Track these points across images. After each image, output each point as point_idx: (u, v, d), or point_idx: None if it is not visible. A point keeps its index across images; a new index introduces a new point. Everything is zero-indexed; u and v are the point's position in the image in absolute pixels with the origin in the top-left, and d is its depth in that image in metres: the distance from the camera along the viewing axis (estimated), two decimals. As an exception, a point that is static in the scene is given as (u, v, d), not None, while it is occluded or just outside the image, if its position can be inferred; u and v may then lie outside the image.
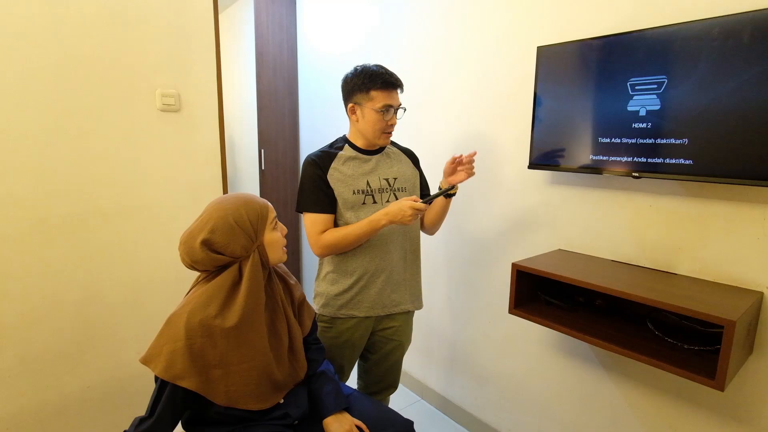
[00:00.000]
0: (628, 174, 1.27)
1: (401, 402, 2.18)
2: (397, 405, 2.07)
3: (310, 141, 3.03)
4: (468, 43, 1.81)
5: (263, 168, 3.02)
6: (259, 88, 2.91)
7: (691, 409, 1.29)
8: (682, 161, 1.16)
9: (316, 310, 1.44)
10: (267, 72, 2.92)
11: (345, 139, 1.44)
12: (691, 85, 1.13)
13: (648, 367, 1.36)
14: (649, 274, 1.28)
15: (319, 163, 1.37)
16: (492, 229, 1.80)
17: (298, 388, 1.17)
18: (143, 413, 1.00)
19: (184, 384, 0.97)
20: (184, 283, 1.19)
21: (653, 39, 1.19)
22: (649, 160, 1.22)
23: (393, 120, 1.37)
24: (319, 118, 2.89)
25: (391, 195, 1.41)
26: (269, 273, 1.13)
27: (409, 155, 1.53)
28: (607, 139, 1.30)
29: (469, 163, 1.40)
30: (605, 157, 1.32)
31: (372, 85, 1.32)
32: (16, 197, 1.38)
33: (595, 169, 1.35)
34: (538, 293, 1.45)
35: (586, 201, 1.48)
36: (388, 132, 1.38)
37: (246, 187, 3.22)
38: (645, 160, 1.23)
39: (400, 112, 1.39)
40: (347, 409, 1.18)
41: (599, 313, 1.37)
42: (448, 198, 1.46)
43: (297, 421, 1.14)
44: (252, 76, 2.92)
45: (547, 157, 1.47)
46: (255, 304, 1.06)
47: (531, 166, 1.52)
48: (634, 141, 1.25)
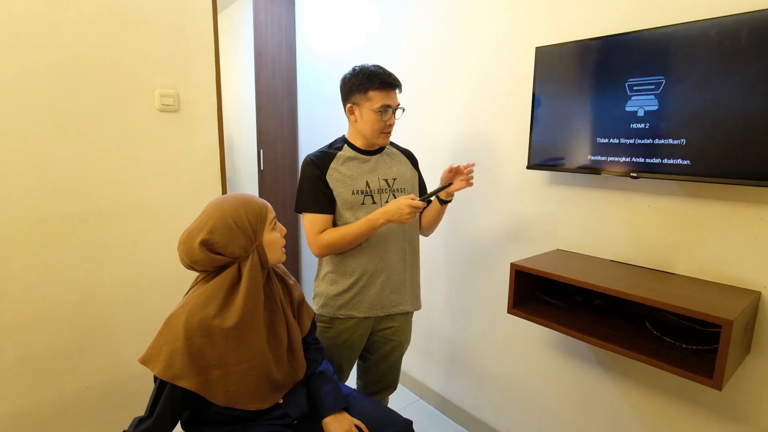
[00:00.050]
0: (626, 174, 1.27)
1: (400, 402, 2.18)
2: (396, 405, 2.07)
3: (309, 141, 3.03)
4: (468, 43, 1.81)
5: (262, 168, 3.02)
6: (257, 89, 2.91)
7: (689, 409, 1.29)
8: (680, 161, 1.16)
9: (316, 310, 1.44)
10: (266, 72, 2.92)
11: (344, 140, 1.44)
12: (688, 85, 1.13)
13: (647, 366, 1.36)
14: (647, 274, 1.29)
15: (318, 164, 1.37)
16: (491, 230, 1.80)
17: (297, 388, 1.17)
18: (142, 413, 1.00)
19: (183, 384, 0.97)
20: (183, 283, 1.19)
21: (651, 40, 1.19)
22: (647, 161, 1.22)
23: (391, 120, 1.37)
24: (318, 119, 2.89)
25: (390, 195, 1.42)
26: (268, 273, 1.14)
27: (409, 156, 1.53)
28: (606, 140, 1.31)
29: (468, 173, 1.38)
30: (603, 158, 1.32)
31: (370, 85, 1.32)
32: (16, 197, 1.38)
33: (593, 169, 1.35)
34: (537, 293, 1.45)
35: (585, 201, 1.48)
36: (386, 132, 1.39)
37: (245, 187, 3.22)
38: (643, 160, 1.23)
39: (398, 112, 1.39)
40: (346, 408, 1.18)
41: (598, 312, 1.37)
42: (443, 204, 1.45)
43: (296, 421, 1.14)
44: (251, 76, 2.92)
45: (545, 157, 1.48)
46: (254, 305, 1.06)
47: (530, 166, 1.52)
48: (632, 141, 1.25)
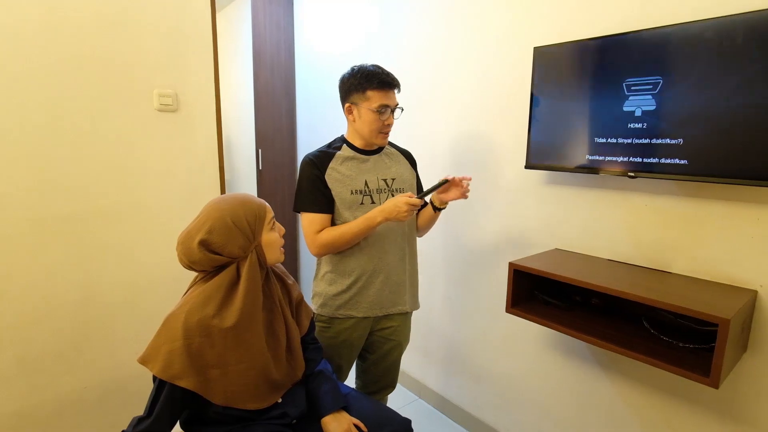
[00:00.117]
0: (624, 174, 1.28)
1: (399, 401, 2.18)
2: (395, 404, 2.08)
3: (308, 141, 3.03)
4: (467, 43, 1.81)
5: (261, 168, 3.01)
6: (256, 88, 2.91)
7: (687, 407, 1.30)
8: (677, 161, 1.17)
9: (314, 310, 1.44)
10: (264, 72, 2.92)
11: (343, 139, 1.44)
12: (686, 85, 1.13)
13: (645, 365, 1.37)
14: (645, 273, 1.29)
15: (317, 163, 1.37)
16: (490, 229, 1.81)
17: (296, 388, 1.17)
18: (141, 413, 1.00)
19: (182, 384, 0.97)
20: (182, 283, 1.20)
21: (649, 40, 1.20)
22: (645, 160, 1.23)
23: (390, 120, 1.37)
24: (317, 118, 2.89)
25: (388, 195, 1.42)
26: (267, 273, 1.14)
27: (407, 156, 1.53)
28: (603, 139, 1.31)
29: (464, 186, 1.37)
30: (601, 157, 1.32)
31: (368, 85, 1.32)
32: (15, 197, 1.38)
33: (591, 169, 1.35)
34: (536, 293, 1.46)
35: (583, 201, 1.49)
36: (384, 132, 1.39)
37: (243, 187, 3.22)
38: (640, 160, 1.24)
39: (397, 112, 1.39)
40: (345, 408, 1.19)
41: (596, 312, 1.37)
42: (436, 211, 1.46)
43: (295, 421, 1.14)
44: (249, 76, 2.91)
45: (543, 157, 1.48)
46: (253, 305, 1.06)
47: (528, 166, 1.53)
48: (629, 141, 1.25)
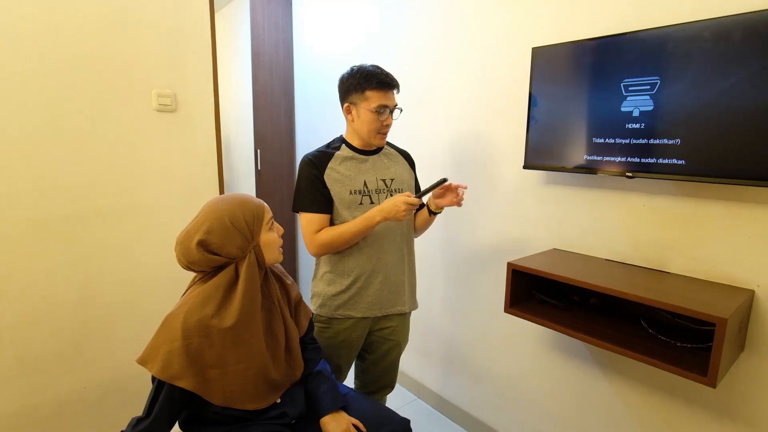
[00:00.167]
0: (622, 174, 1.28)
1: (398, 401, 2.19)
2: (394, 404, 2.08)
3: (306, 141, 3.03)
4: (467, 43, 1.81)
5: (259, 168, 3.01)
6: (255, 88, 2.91)
7: (685, 406, 1.30)
8: (675, 161, 1.17)
9: (313, 310, 1.44)
10: (263, 72, 2.92)
11: (342, 140, 1.44)
12: (683, 86, 1.14)
13: (643, 364, 1.37)
14: (642, 273, 1.29)
15: (316, 163, 1.37)
16: (488, 229, 1.81)
17: (294, 388, 1.17)
18: (141, 413, 1.00)
19: (181, 384, 0.97)
20: (181, 284, 1.20)
21: (646, 40, 1.20)
22: (643, 160, 1.23)
23: (388, 120, 1.38)
24: (315, 119, 2.89)
25: (387, 196, 1.42)
26: (266, 273, 1.14)
27: (406, 157, 1.54)
28: (601, 140, 1.32)
29: (459, 193, 1.37)
30: (599, 158, 1.33)
31: (367, 85, 1.33)
32: (14, 197, 1.38)
33: (589, 169, 1.36)
34: (534, 292, 1.46)
35: (581, 201, 1.49)
36: (383, 132, 1.39)
37: (242, 187, 3.22)
38: (638, 160, 1.24)
39: (396, 112, 1.39)
40: (344, 408, 1.19)
41: (594, 311, 1.38)
42: (432, 215, 1.47)
43: (294, 421, 1.15)
44: (248, 76, 2.91)
45: (542, 157, 1.48)
46: (252, 305, 1.06)
47: (526, 166, 1.53)
48: (627, 141, 1.26)
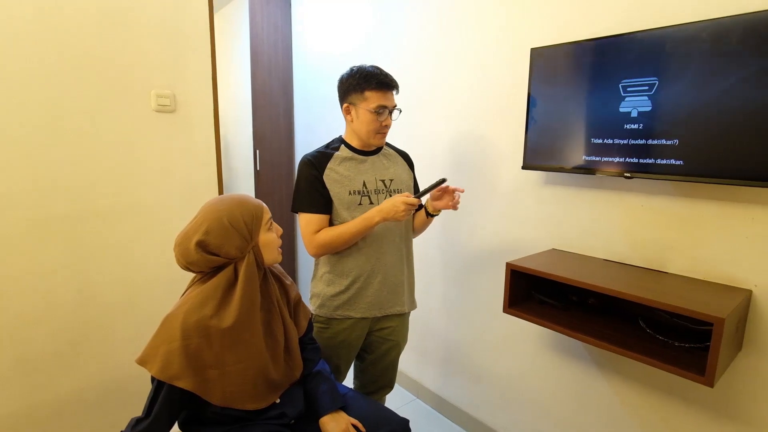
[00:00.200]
0: (621, 174, 1.28)
1: (397, 401, 2.19)
2: (393, 404, 2.08)
3: (305, 141, 3.03)
4: (466, 44, 1.82)
5: (258, 168, 3.01)
6: (254, 89, 2.91)
7: (683, 406, 1.31)
8: (673, 162, 1.18)
9: (313, 310, 1.45)
10: (262, 72, 2.92)
11: (341, 140, 1.44)
12: (681, 86, 1.14)
13: (641, 364, 1.38)
14: (641, 273, 1.30)
15: (315, 164, 1.37)
16: (487, 229, 1.81)
17: (294, 388, 1.18)
18: (140, 414, 1.00)
19: (181, 384, 0.98)
20: (180, 284, 1.20)
21: (645, 41, 1.20)
22: (641, 161, 1.24)
23: (387, 121, 1.38)
24: (314, 119, 2.89)
25: (386, 196, 1.42)
26: (265, 273, 1.14)
27: (405, 158, 1.54)
28: (600, 140, 1.32)
29: (455, 197, 1.39)
30: (598, 158, 1.33)
31: (367, 85, 1.33)
32: (13, 198, 1.37)
33: (587, 169, 1.36)
34: (533, 293, 1.46)
35: (580, 201, 1.49)
36: (382, 133, 1.39)
37: (241, 187, 3.22)
38: (636, 160, 1.24)
39: (395, 113, 1.39)
40: (344, 408, 1.19)
41: (592, 311, 1.38)
42: (429, 217, 1.48)
43: (293, 421, 1.15)
44: (247, 76, 2.91)
45: (540, 157, 1.49)
46: (251, 305, 1.06)
47: (525, 166, 1.53)
48: (625, 142, 1.26)
